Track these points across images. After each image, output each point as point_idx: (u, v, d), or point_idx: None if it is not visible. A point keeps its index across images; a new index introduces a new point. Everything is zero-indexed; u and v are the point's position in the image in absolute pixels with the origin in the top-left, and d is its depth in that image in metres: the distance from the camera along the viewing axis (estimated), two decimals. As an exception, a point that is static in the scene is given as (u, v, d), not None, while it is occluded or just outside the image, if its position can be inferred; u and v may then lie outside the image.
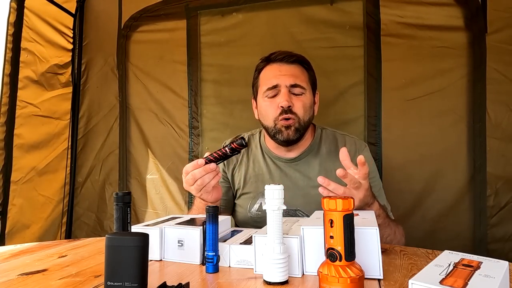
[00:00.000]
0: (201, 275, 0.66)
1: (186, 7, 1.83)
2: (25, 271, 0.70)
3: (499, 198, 1.44)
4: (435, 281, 0.45)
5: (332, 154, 1.10)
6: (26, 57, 1.67)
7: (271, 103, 1.05)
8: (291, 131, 1.03)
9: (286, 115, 1.02)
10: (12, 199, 1.61)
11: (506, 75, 1.45)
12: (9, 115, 1.59)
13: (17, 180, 1.64)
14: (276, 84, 1.04)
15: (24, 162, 1.67)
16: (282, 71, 1.05)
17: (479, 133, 1.46)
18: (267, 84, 1.06)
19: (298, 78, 1.05)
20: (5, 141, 1.58)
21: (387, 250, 0.78)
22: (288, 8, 1.71)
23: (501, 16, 1.45)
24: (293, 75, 1.05)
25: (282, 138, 1.04)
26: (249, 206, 1.12)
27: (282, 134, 1.04)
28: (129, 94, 1.93)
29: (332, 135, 1.16)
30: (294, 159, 1.12)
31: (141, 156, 1.90)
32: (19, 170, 1.64)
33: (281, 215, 0.61)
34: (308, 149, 1.12)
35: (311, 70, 1.12)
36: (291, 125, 1.03)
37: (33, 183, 1.71)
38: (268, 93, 1.06)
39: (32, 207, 1.71)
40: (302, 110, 1.04)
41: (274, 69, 1.07)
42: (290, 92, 1.04)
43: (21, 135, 1.65)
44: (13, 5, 1.60)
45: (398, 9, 1.57)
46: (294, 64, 1.07)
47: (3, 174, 1.57)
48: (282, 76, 1.04)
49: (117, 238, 0.53)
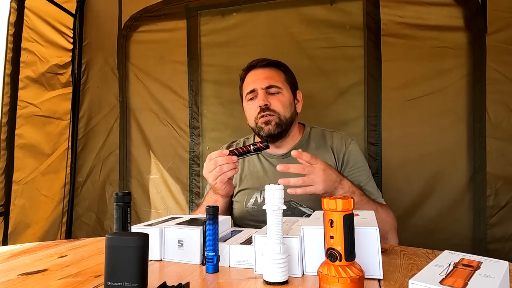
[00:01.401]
0: (201, 275, 0.66)
1: (186, 7, 1.83)
2: (25, 271, 0.70)
3: (499, 198, 1.44)
4: (435, 281, 0.45)
5: (321, 148, 1.18)
6: (27, 57, 1.67)
7: (251, 105, 1.17)
8: (271, 125, 1.12)
9: (264, 113, 1.12)
10: (14, 199, 1.61)
11: (506, 75, 1.45)
12: (10, 115, 1.59)
13: (19, 180, 1.64)
14: (254, 89, 1.15)
15: (26, 162, 1.67)
16: (257, 75, 1.17)
17: (479, 133, 1.46)
18: (247, 89, 1.18)
19: (273, 79, 1.15)
20: (7, 141, 1.57)
21: (387, 250, 0.78)
22: (288, 8, 1.71)
23: (501, 16, 1.45)
24: (268, 77, 1.15)
25: (263, 133, 1.13)
26: (245, 201, 1.18)
27: (263, 130, 1.13)
28: (130, 94, 1.93)
29: (321, 132, 1.24)
30: (285, 155, 1.19)
31: (142, 156, 1.90)
32: (21, 170, 1.64)
33: (281, 215, 0.61)
34: (298, 144, 1.20)
35: (288, 72, 1.22)
36: (271, 121, 1.12)
37: (35, 183, 1.71)
38: (248, 97, 1.18)
39: (34, 207, 1.71)
40: (281, 107, 1.13)
41: (251, 75, 1.19)
42: (267, 93, 1.14)
43: (22, 135, 1.65)
44: (14, 5, 1.60)
45: (398, 9, 1.57)
46: (267, 67, 1.18)
47: (6, 175, 1.57)
48: (258, 80, 1.16)
49: (117, 238, 0.53)
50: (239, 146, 0.98)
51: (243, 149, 0.96)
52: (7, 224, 1.57)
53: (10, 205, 1.59)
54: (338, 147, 1.17)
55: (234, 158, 0.95)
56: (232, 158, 0.95)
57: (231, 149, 0.97)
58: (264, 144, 0.96)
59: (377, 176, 1.55)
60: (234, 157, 0.95)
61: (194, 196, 1.79)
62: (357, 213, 0.76)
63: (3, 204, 1.56)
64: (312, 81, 1.63)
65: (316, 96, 1.62)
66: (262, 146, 0.96)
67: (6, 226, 1.56)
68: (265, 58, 1.21)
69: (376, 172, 1.55)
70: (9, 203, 1.59)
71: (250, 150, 0.96)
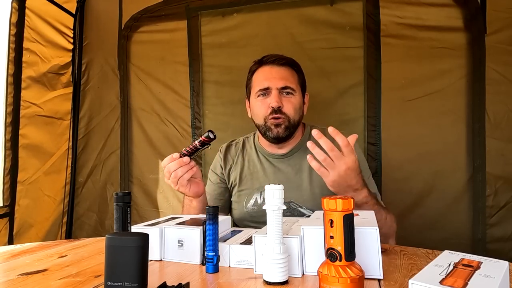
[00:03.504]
0: (201, 275, 0.66)
1: (187, 8, 1.84)
2: (25, 271, 0.70)
3: (498, 198, 1.44)
4: (435, 281, 0.45)
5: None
6: (29, 57, 1.67)
7: (262, 103, 1.12)
8: (281, 129, 1.10)
9: (276, 114, 1.09)
10: (19, 200, 1.60)
11: (505, 76, 1.45)
12: (14, 115, 1.58)
13: (24, 180, 1.63)
14: (268, 87, 1.11)
15: (30, 162, 1.67)
16: (273, 73, 1.12)
17: (478, 133, 1.47)
18: (259, 86, 1.12)
19: (288, 80, 1.11)
20: (11, 142, 1.57)
21: (387, 250, 0.78)
22: (289, 9, 1.71)
23: (500, 16, 1.46)
24: (283, 78, 1.11)
25: (272, 135, 1.11)
26: (245, 202, 1.17)
27: (272, 131, 1.10)
28: (131, 94, 1.93)
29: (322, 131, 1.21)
30: (286, 155, 1.17)
31: (143, 156, 1.90)
32: (25, 170, 1.64)
33: (281, 215, 0.61)
34: (299, 145, 1.18)
35: (300, 73, 1.18)
36: (281, 124, 1.09)
37: (39, 183, 1.71)
38: (260, 93, 1.13)
39: (37, 208, 1.70)
40: (292, 110, 1.10)
41: (265, 72, 1.14)
42: (280, 94, 1.10)
43: (26, 135, 1.64)
44: (15, 5, 1.60)
45: (397, 10, 1.57)
46: (284, 66, 1.13)
47: (11, 175, 1.57)
48: (273, 79, 1.10)
49: (117, 238, 0.53)
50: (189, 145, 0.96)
51: (190, 147, 0.95)
52: (12, 224, 1.56)
53: (15, 205, 1.59)
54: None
55: (186, 159, 0.93)
56: (184, 160, 0.93)
57: (181, 151, 0.95)
58: (206, 136, 0.92)
59: (377, 176, 1.55)
60: (186, 158, 0.93)
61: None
62: (357, 213, 0.76)
63: (8, 204, 1.56)
64: (312, 81, 1.61)
65: (316, 97, 1.62)
66: (205, 139, 0.93)
67: (11, 227, 1.56)
68: (282, 55, 1.16)
69: (376, 172, 1.55)
70: (14, 203, 1.58)
71: (197, 146, 0.94)
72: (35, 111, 1.70)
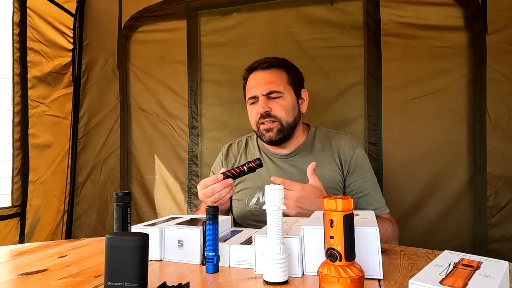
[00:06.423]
0: (201, 275, 0.66)
1: (186, 7, 1.83)
2: (25, 271, 0.70)
3: (499, 198, 1.43)
4: (435, 281, 0.45)
5: (326, 149, 1.18)
6: (33, 57, 1.66)
7: (252, 109, 1.17)
8: (272, 133, 1.12)
9: (264, 119, 1.12)
10: (31, 200, 1.60)
11: (506, 75, 1.44)
12: (22, 114, 1.57)
13: (35, 180, 1.63)
14: (255, 95, 1.15)
15: (40, 162, 1.66)
16: (259, 80, 1.15)
17: (479, 133, 1.46)
18: (249, 94, 1.17)
19: (274, 84, 1.13)
20: (21, 141, 1.56)
21: (387, 250, 0.78)
22: (288, 8, 1.70)
23: (501, 16, 1.45)
24: (269, 82, 1.13)
25: (265, 139, 1.15)
26: (247, 201, 1.18)
27: (264, 136, 1.14)
28: (130, 94, 1.93)
29: (326, 133, 1.24)
30: (289, 155, 1.19)
31: (142, 156, 1.90)
32: (36, 170, 1.63)
33: (281, 215, 0.61)
34: (302, 145, 1.20)
35: (292, 71, 1.19)
36: (272, 128, 1.12)
37: (48, 183, 1.71)
38: (250, 101, 1.18)
39: (47, 208, 1.70)
40: (283, 112, 1.12)
41: (252, 79, 1.17)
42: (268, 99, 1.13)
43: (35, 135, 1.64)
44: (16, 5, 1.59)
45: (398, 9, 1.56)
46: (269, 69, 1.15)
47: (21, 174, 1.56)
48: (259, 86, 1.14)
49: (117, 238, 0.53)
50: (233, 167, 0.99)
51: (236, 171, 0.97)
52: (24, 224, 1.56)
53: (27, 205, 1.58)
54: (345, 151, 1.16)
55: (231, 181, 0.96)
56: (229, 182, 0.96)
57: (224, 172, 0.97)
58: (256, 164, 0.97)
59: (378, 176, 1.55)
60: (230, 180, 0.96)
61: (193, 196, 1.79)
62: (357, 213, 0.76)
63: (19, 204, 1.54)
64: (312, 80, 1.62)
65: (316, 96, 1.61)
66: (255, 165, 0.97)
67: (22, 227, 1.55)
68: (268, 58, 1.18)
69: (377, 172, 1.55)
70: (25, 203, 1.57)
71: (244, 171, 0.97)
72: (43, 110, 1.69)
